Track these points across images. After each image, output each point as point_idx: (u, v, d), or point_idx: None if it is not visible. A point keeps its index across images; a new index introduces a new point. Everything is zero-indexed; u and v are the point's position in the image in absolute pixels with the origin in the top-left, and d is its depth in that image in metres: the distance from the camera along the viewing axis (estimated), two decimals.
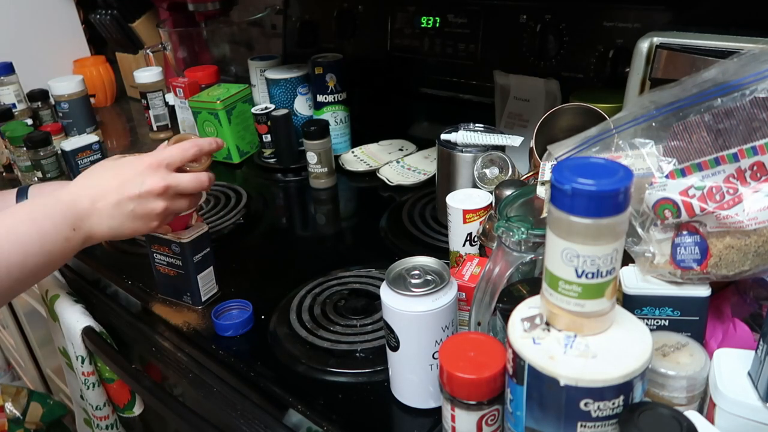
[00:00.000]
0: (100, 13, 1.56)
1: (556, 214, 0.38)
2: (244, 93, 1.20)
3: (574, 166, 0.37)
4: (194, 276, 0.76)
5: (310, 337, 0.70)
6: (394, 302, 0.54)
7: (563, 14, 0.96)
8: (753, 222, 0.47)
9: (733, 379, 0.45)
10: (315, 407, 0.61)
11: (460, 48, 1.11)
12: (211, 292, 0.79)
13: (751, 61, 0.46)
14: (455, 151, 0.82)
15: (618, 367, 0.38)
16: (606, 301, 0.40)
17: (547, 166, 0.55)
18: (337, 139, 1.16)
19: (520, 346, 0.41)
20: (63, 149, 1.09)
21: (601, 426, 0.39)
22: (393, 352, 0.57)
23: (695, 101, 0.48)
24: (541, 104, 0.97)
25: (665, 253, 0.50)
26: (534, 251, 0.53)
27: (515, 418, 0.44)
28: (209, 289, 0.79)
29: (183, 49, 1.41)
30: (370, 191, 1.07)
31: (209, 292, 0.79)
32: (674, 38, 0.62)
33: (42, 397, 1.22)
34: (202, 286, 0.77)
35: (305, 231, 1.00)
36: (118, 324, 0.85)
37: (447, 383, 0.48)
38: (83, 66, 1.60)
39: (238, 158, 1.21)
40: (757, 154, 0.46)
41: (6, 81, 1.33)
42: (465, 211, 0.69)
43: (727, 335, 0.53)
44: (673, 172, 0.49)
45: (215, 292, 0.80)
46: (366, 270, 0.81)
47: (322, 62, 1.12)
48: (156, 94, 1.34)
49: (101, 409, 0.94)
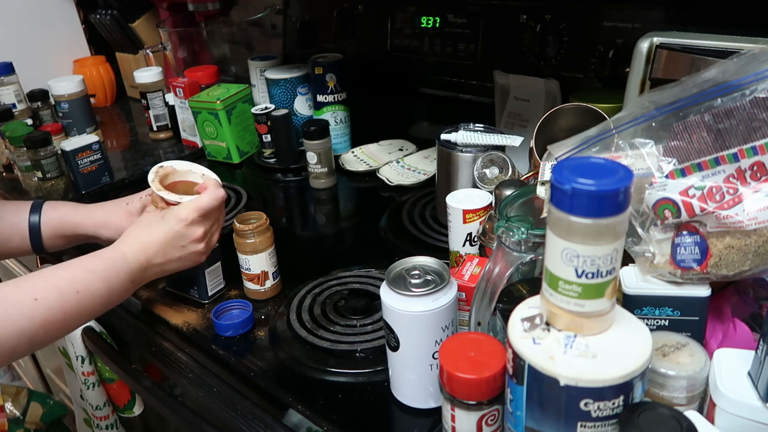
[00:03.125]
0: (100, 13, 1.56)
1: (556, 214, 0.38)
2: (244, 93, 1.20)
3: (574, 166, 0.37)
4: (202, 270, 0.76)
5: (310, 337, 0.70)
6: (394, 302, 0.54)
7: (563, 14, 0.96)
8: (753, 222, 0.47)
9: (733, 379, 0.45)
10: (315, 407, 0.61)
11: (460, 48, 1.11)
12: (218, 287, 0.80)
13: (751, 61, 0.46)
14: (455, 151, 0.82)
15: (618, 367, 0.38)
16: (606, 301, 0.40)
17: (547, 166, 0.55)
18: (337, 139, 1.16)
19: (520, 346, 0.41)
20: (63, 149, 1.09)
21: (601, 426, 0.39)
22: (393, 352, 0.57)
23: (695, 101, 0.48)
24: (541, 104, 0.97)
25: (665, 253, 0.50)
26: (534, 251, 0.53)
27: (515, 418, 0.44)
28: (216, 284, 0.79)
29: (183, 49, 1.41)
30: (370, 191, 1.07)
31: (216, 287, 0.79)
32: (674, 38, 0.62)
33: (42, 397, 1.22)
34: (209, 280, 0.78)
35: (305, 231, 1.00)
36: (118, 324, 0.85)
37: (447, 383, 0.48)
38: (83, 66, 1.60)
39: (238, 158, 1.21)
40: (757, 154, 0.46)
41: (6, 81, 1.33)
42: (465, 211, 0.69)
43: (727, 335, 0.53)
44: (673, 172, 0.49)
45: (222, 288, 0.80)
46: (366, 270, 0.81)
47: (322, 62, 1.12)
48: (156, 94, 1.34)
49: (101, 409, 0.93)
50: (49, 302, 0.59)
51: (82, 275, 0.63)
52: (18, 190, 1.18)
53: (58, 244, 0.80)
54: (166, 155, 1.30)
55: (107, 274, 0.64)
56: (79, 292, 0.61)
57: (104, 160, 1.13)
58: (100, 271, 0.64)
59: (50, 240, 0.79)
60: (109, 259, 0.66)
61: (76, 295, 0.61)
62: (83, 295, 0.61)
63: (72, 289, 0.61)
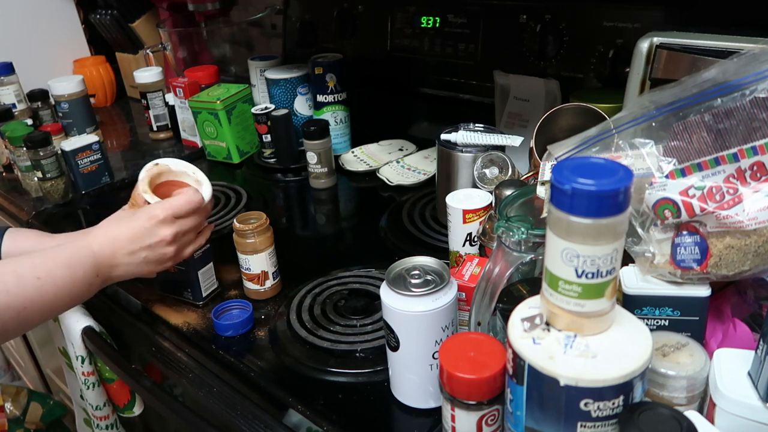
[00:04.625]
0: (100, 13, 1.56)
1: (556, 214, 0.38)
2: (244, 93, 1.20)
3: (574, 166, 0.37)
4: (194, 272, 0.76)
5: (310, 337, 0.70)
6: (394, 302, 0.54)
7: (563, 14, 0.96)
8: (753, 222, 0.47)
9: (733, 379, 0.45)
10: (315, 407, 0.61)
11: (460, 48, 1.11)
12: (212, 288, 0.80)
13: (751, 61, 0.46)
14: (455, 151, 0.82)
15: (618, 367, 0.38)
16: (606, 301, 0.40)
17: (547, 166, 0.55)
18: (337, 139, 1.16)
19: (520, 346, 0.41)
20: (63, 149, 1.09)
21: (601, 426, 0.39)
22: (393, 352, 0.57)
23: (695, 101, 0.48)
24: (541, 104, 0.97)
25: (665, 253, 0.50)
26: (534, 251, 0.53)
27: (515, 418, 0.44)
28: (210, 284, 0.79)
29: (183, 49, 1.41)
30: (370, 191, 1.07)
31: (210, 288, 0.79)
32: (674, 38, 0.62)
33: (42, 397, 1.22)
34: (203, 281, 0.78)
35: (305, 231, 1.00)
36: (118, 324, 0.85)
37: (447, 383, 0.48)
38: (83, 66, 1.60)
39: (238, 158, 1.21)
40: (757, 154, 0.46)
41: (6, 81, 1.33)
42: (465, 211, 0.69)
43: (727, 335, 0.53)
44: (673, 172, 0.49)
45: (215, 288, 0.80)
46: (366, 270, 0.81)
47: (322, 62, 1.12)
48: (156, 94, 1.34)
49: (101, 409, 0.93)
50: (6, 286, 0.57)
51: (42, 262, 0.61)
52: (18, 190, 1.18)
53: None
54: (166, 155, 1.30)
55: (70, 263, 0.62)
56: (39, 278, 0.59)
57: (104, 160, 1.13)
58: (63, 260, 0.62)
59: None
60: (74, 249, 0.64)
61: (36, 281, 0.59)
62: (44, 281, 0.59)
63: (32, 275, 0.59)
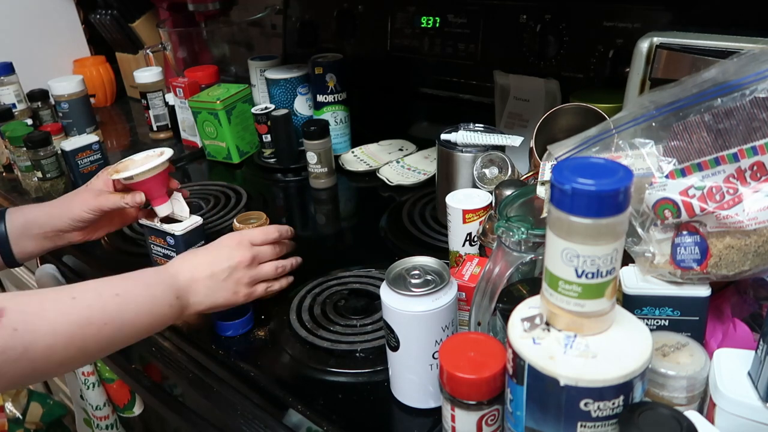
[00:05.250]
0: (100, 13, 1.56)
1: (556, 214, 0.38)
2: (244, 93, 1.20)
3: (574, 166, 0.37)
4: None
5: (310, 337, 0.70)
6: (394, 302, 0.54)
7: (563, 14, 0.96)
8: (753, 222, 0.47)
9: (733, 379, 0.45)
10: (315, 407, 0.61)
11: (460, 48, 1.11)
12: None
13: (751, 61, 0.46)
14: (455, 151, 0.82)
15: (618, 367, 0.38)
16: (606, 301, 0.40)
17: (547, 166, 0.55)
18: (337, 139, 1.16)
19: (520, 346, 0.41)
20: (63, 149, 1.09)
21: (601, 426, 0.39)
22: (393, 352, 0.57)
23: (695, 101, 0.48)
24: (541, 104, 0.97)
25: (665, 253, 0.50)
26: (534, 251, 0.53)
27: (515, 418, 0.44)
28: None
29: (183, 49, 1.41)
30: (370, 191, 1.07)
31: None
32: (674, 38, 0.62)
33: (42, 397, 1.22)
34: None
35: (305, 231, 1.00)
36: None
37: (447, 383, 0.48)
38: (83, 66, 1.60)
39: (238, 158, 1.21)
40: (757, 154, 0.46)
41: (6, 81, 1.33)
42: (465, 211, 0.69)
43: (727, 335, 0.53)
44: (673, 172, 0.49)
45: None
46: (366, 270, 0.81)
47: (322, 62, 1.12)
48: (156, 94, 1.34)
49: (101, 409, 0.94)
50: (87, 301, 0.57)
51: (121, 281, 0.61)
52: (18, 190, 1.18)
53: (28, 248, 0.78)
54: None
55: (149, 282, 0.63)
56: (118, 294, 0.59)
57: (104, 160, 1.13)
58: (142, 280, 0.63)
59: (19, 245, 0.77)
60: (153, 271, 0.65)
61: (115, 298, 0.59)
62: (123, 298, 0.59)
63: (111, 292, 0.59)
